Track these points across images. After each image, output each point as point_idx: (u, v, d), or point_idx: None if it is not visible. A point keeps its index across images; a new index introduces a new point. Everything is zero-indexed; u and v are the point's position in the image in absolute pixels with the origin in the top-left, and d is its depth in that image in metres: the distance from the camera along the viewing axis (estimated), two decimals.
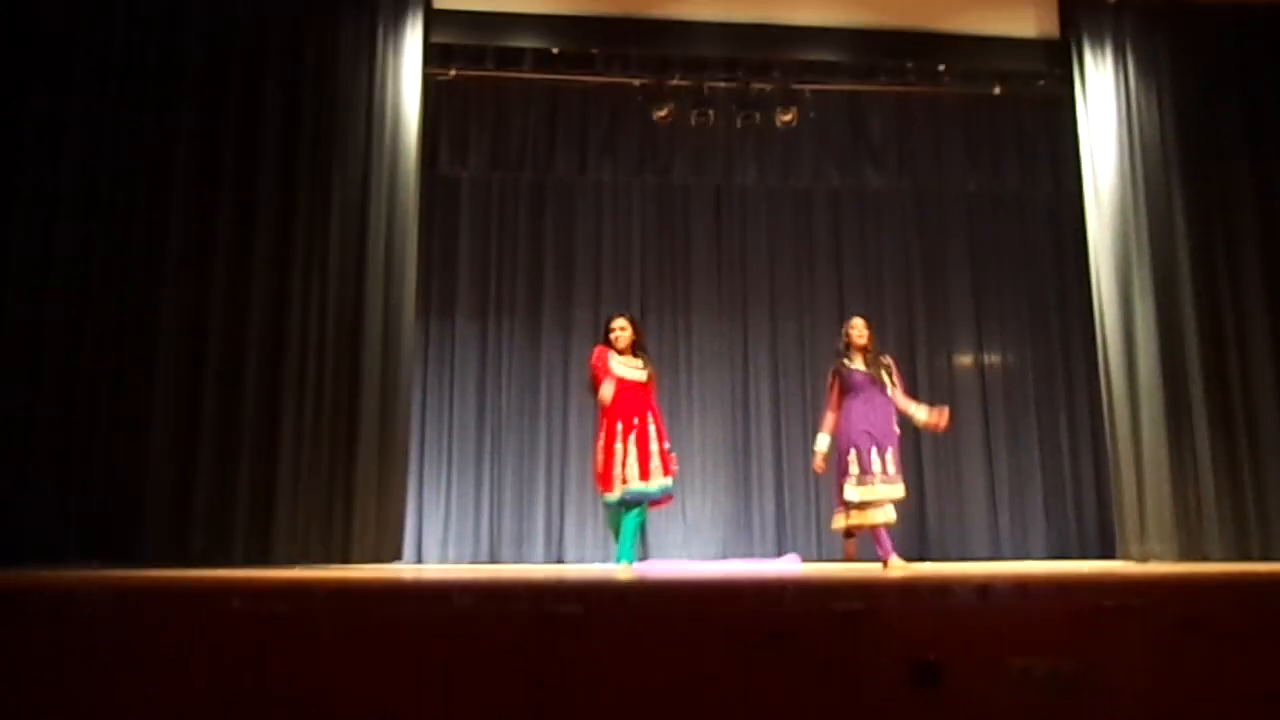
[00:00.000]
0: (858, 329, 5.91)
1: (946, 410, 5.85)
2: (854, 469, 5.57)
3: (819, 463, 5.81)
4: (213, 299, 5.99)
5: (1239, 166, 6.83)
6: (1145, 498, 6.39)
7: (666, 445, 5.50)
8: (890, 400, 5.73)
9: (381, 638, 2.94)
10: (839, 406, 5.73)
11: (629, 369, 5.56)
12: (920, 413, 5.79)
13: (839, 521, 5.70)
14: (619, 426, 5.42)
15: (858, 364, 5.80)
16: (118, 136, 6.08)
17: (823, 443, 5.75)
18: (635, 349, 5.64)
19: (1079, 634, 3.00)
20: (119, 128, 6.10)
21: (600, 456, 5.45)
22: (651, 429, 5.48)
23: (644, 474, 5.37)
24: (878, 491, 5.54)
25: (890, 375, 5.80)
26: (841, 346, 5.90)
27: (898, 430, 5.72)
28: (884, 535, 5.60)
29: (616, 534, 5.53)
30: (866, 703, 2.93)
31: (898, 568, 5.43)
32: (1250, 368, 6.55)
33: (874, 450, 5.58)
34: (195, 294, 5.98)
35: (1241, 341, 6.60)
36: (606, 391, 5.40)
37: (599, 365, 5.53)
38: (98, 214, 5.99)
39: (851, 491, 5.56)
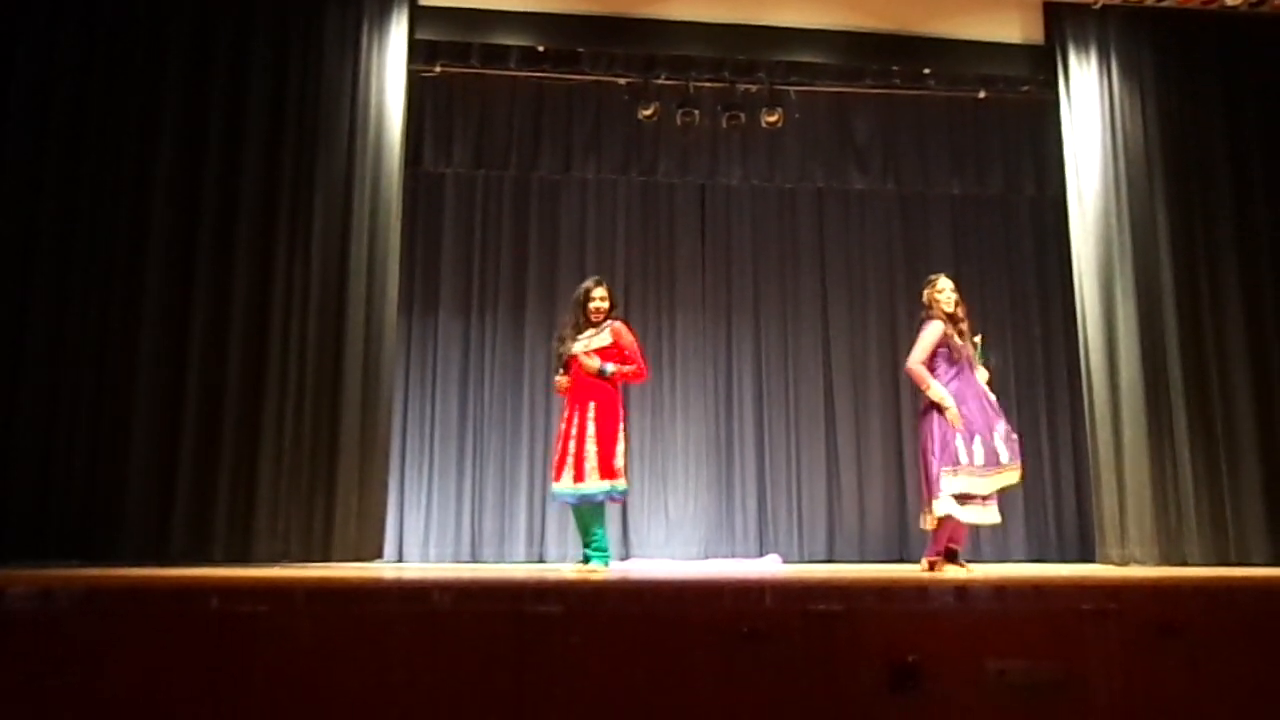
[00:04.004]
0: (945, 292, 5.23)
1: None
2: (963, 458, 4.96)
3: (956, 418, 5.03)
4: (195, 296, 5.97)
5: (1220, 171, 6.89)
6: (1125, 501, 6.43)
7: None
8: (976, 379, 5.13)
9: (361, 637, 2.93)
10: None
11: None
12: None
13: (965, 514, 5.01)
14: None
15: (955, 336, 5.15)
16: (100, 132, 6.05)
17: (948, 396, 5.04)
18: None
19: (1056, 637, 3.02)
20: (103, 121, 6.06)
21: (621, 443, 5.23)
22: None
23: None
24: (986, 483, 4.98)
25: (973, 344, 5.18)
26: (938, 312, 5.21)
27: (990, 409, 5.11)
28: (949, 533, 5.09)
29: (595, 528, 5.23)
30: (845, 703, 2.94)
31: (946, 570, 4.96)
32: (1229, 372, 6.61)
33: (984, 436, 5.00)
34: (177, 291, 5.95)
35: (1221, 345, 6.66)
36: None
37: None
38: (79, 209, 5.95)
39: (971, 483, 4.96)
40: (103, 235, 5.95)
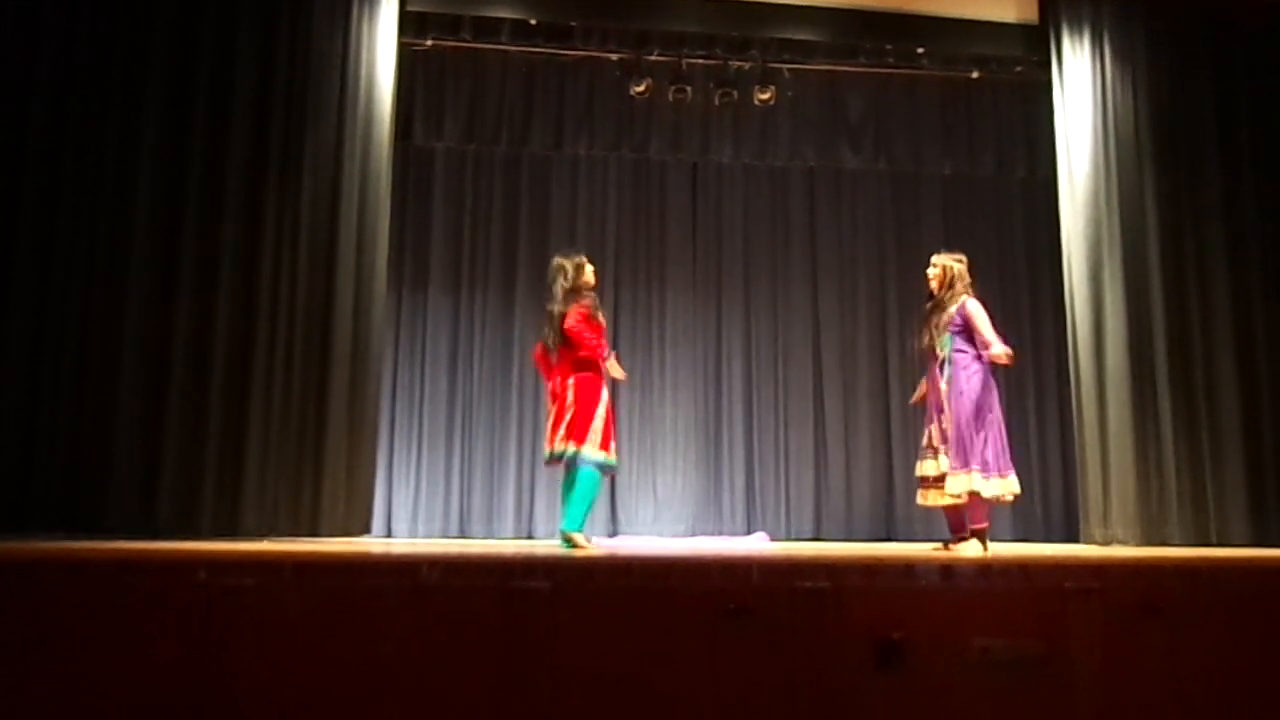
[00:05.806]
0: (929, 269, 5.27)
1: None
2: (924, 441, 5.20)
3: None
4: (181, 269, 5.91)
5: (1210, 155, 6.89)
6: (1110, 482, 6.47)
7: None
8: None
9: (349, 612, 2.93)
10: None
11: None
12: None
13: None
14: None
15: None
16: (85, 100, 5.97)
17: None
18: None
19: (1040, 615, 3.05)
20: (86, 91, 5.98)
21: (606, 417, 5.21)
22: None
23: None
24: (924, 468, 5.17)
25: (936, 329, 5.09)
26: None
27: (944, 398, 5.03)
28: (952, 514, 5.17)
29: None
30: (831, 679, 2.96)
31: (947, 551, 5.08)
32: (1214, 355, 6.64)
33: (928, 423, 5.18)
34: (164, 263, 5.90)
35: (1206, 328, 6.68)
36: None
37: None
38: (63, 177, 5.88)
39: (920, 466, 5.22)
40: (87, 206, 5.89)
